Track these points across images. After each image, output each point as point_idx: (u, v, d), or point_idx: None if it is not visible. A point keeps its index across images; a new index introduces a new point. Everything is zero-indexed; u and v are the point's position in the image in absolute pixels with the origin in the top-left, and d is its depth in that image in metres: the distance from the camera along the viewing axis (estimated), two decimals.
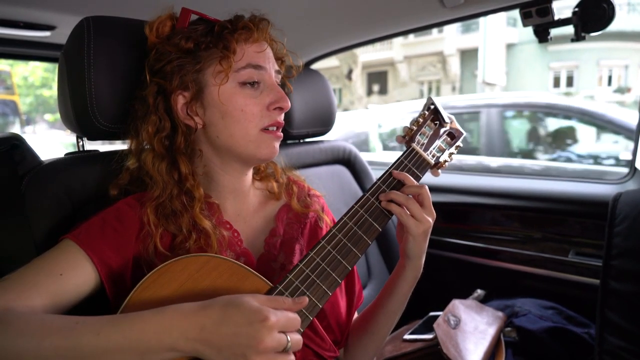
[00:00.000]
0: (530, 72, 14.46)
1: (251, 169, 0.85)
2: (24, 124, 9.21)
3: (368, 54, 16.00)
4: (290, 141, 1.47)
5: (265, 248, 0.82)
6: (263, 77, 0.76)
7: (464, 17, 1.34)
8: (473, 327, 1.19)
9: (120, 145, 0.88)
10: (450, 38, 15.31)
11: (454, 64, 15.67)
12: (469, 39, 14.66)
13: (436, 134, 0.84)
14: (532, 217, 1.50)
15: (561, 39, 1.26)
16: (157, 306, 0.59)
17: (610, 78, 13.91)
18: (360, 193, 1.53)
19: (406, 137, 0.82)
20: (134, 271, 0.72)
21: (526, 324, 1.23)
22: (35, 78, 11.30)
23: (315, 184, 0.99)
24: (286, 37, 0.84)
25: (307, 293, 0.66)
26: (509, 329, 1.25)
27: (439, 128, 0.84)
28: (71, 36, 0.83)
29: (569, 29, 1.14)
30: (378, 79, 17.66)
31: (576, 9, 1.11)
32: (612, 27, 1.10)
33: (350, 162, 1.58)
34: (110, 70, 0.81)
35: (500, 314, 1.28)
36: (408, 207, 0.74)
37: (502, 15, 9.34)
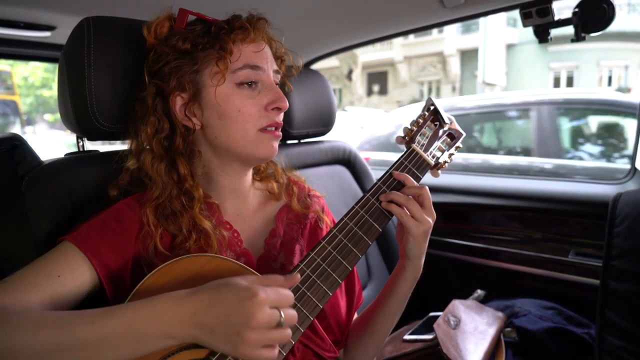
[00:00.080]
0: (530, 72, 14.46)
1: (251, 170, 0.85)
2: (24, 124, 9.21)
3: (368, 54, 16.02)
4: (290, 141, 1.47)
5: (265, 248, 0.82)
6: (261, 77, 0.76)
7: (464, 17, 1.34)
8: (473, 328, 1.19)
9: (120, 145, 0.88)
10: (450, 38, 15.33)
11: (454, 64, 15.69)
12: (469, 39, 14.68)
13: (436, 135, 0.84)
14: (532, 217, 1.50)
15: (561, 40, 1.26)
16: None
17: (610, 78, 13.91)
18: (360, 193, 1.52)
19: (406, 137, 0.82)
20: (134, 272, 0.72)
21: (526, 324, 1.23)
22: (36, 78, 11.32)
23: (315, 184, 0.99)
24: (286, 37, 0.84)
25: (308, 293, 0.66)
26: (509, 329, 1.25)
27: (439, 129, 0.84)
28: (71, 36, 0.83)
29: (569, 29, 1.14)
30: (378, 79, 17.67)
31: (576, 10, 1.11)
32: (612, 27, 1.10)
33: (350, 162, 1.58)
34: (110, 71, 0.81)
35: (500, 314, 1.28)
36: (408, 208, 0.74)
37: (502, 15, 9.34)
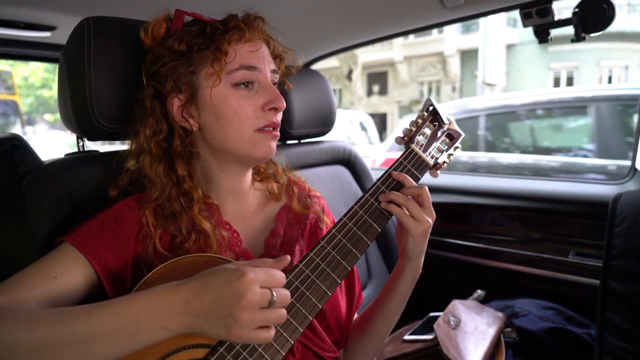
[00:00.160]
0: (530, 72, 14.46)
1: (250, 170, 0.85)
2: (24, 124, 9.20)
3: (368, 55, 16.01)
4: (290, 141, 1.47)
5: (265, 249, 0.82)
6: (257, 77, 0.75)
7: (464, 17, 1.34)
8: (473, 328, 1.19)
9: (119, 145, 0.88)
10: (450, 38, 15.33)
11: (454, 65, 15.68)
12: (469, 40, 14.67)
13: (435, 135, 0.84)
14: (532, 217, 1.50)
15: (561, 40, 1.26)
16: None
17: (610, 78, 13.91)
18: (360, 193, 1.52)
19: (405, 138, 0.82)
20: (134, 272, 0.72)
21: (526, 324, 1.23)
22: (36, 78, 11.32)
23: (316, 184, 0.99)
24: (286, 37, 0.84)
25: (307, 293, 0.66)
26: (509, 329, 1.25)
27: (438, 129, 0.84)
28: (71, 37, 0.83)
29: (569, 30, 1.14)
30: (378, 79, 17.66)
31: (576, 10, 1.11)
32: (612, 27, 1.10)
33: (350, 162, 1.58)
34: (110, 71, 0.81)
35: (500, 314, 1.28)
36: (407, 208, 0.74)
37: (502, 15, 9.34)
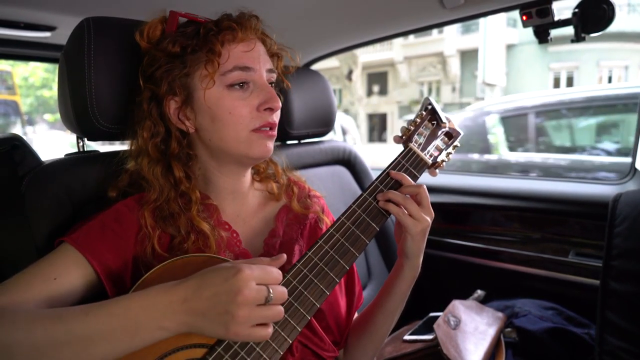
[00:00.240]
0: (530, 72, 14.45)
1: (249, 170, 0.85)
2: (25, 124, 9.20)
3: (368, 55, 16.00)
4: (290, 142, 1.47)
5: (264, 249, 0.82)
6: (252, 77, 0.74)
7: (464, 17, 1.34)
8: (473, 328, 1.19)
9: (119, 145, 0.88)
10: (450, 39, 15.33)
11: (454, 65, 15.68)
12: (469, 40, 14.67)
13: (433, 134, 0.84)
14: (532, 217, 1.50)
15: (561, 40, 1.26)
16: None
17: (610, 79, 13.91)
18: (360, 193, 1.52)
19: (403, 137, 0.82)
20: (134, 272, 0.72)
21: (526, 324, 1.23)
22: (36, 79, 11.31)
23: (316, 184, 0.99)
24: (286, 37, 0.83)
25: (305, 293, 0.66)
26: (509, 329, 1.25)
27: (437, 128, 0.84)
28: (71, 37, 0.83)
29: (569, 30, 1.15)
30: (378, 79, 17.66)
31: (576, 10, 1.12)
32: (612, 27, 1.10)
33: (350, 162, 1.58)
34: (110, 71, 0.81)
35: (500, 314, 1.28)
36: (406, 207, 0.73)
37: (502, 16, 9.34)
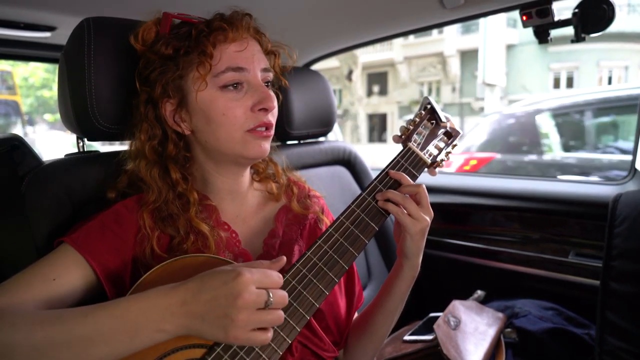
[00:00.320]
0: (530, 73, 14.45)
1: (247, 170, 0.84)
2: (25, 124, 9.20)
3: (368, 55, 15.99)
4: (290, 142, 1.47)
5: (264, 249, 0.82)
6: (246, 78, 0.73)
7: (464, 18, 1.34)
8: (473, 328, 1.19)
9: (119, 146, 0.88)
10: (450, 39, 15.32)
11: (454, 65, 15.68)
12: (469, 40, 14.67)
13: (433, 134, 0.84)
14: (532, 218, 1.50)
15: (561, 40, 1.26)
16: None
17: (610, 79, 13.90)
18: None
19: (403, 136, 0.82)
20: (133, 272, 0.72)
21: (526, 324, 1.23)
22: (36, 79, 11.31)
23: (316, 184, 0.99)
24: (286, 38, 0.83)
25: (304, 293, 0.66)
26: (509, 329, 1.25)
27: (436, 127, 0.84)
28: (71, 37, 0.83)
29: (569, 30, 1.15)
30: (378, 79, 17.67)
31: (576, 10, 1.12)
32: (612, 28, 1.10)
33: (350, 162, 1.58)
34: (110, 71, 0.81)
35: (501, 314, 1.28)
36: (405, 206, 0.73)
37: (502, 16, 9.34)
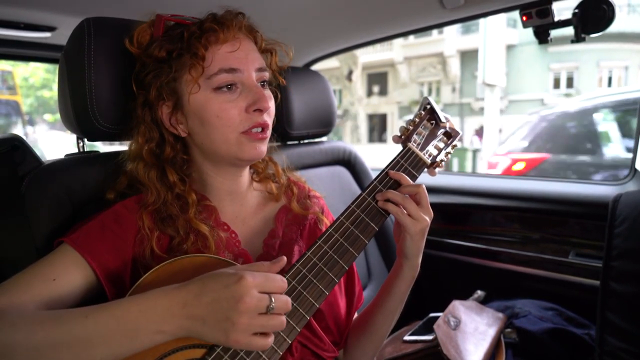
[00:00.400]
0: (530, 73, 14.47)
1: (246, 170, 0.84)
2: (26, 124, 9.21)
3: (368, 55, 16.01)
4: (290, 142, 1.48)
5: (264, 249, 0.82)
6: (240, 78, 0.73)
7: (464, 18, 1.34)
8: (473, 328, 1.19)
9: (120, 145, 0.88)
10: (450, 39, 15.34)
11: (454, 65, 15.69)
12: (469, 40, 14.69)
13: (432, 134, 0.84)
14: (532, 218, 1.50)
15: (561, 40, 1.26)
16: None
17: (610, 79, 13.91)
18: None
19: (402, 136, 0.82)
20: (133, 273, 0.72)
21: (526, 325, 1.23)
22: (36, 79, 11.33)
23: (316, 184, 0.99)
24: (286, 38, 0.84)
25: (304, 293, 0.66)
26: (509, 330, 1.25)
27: (435, 128, 0.84)
28: (71, 37, 0.83)
29: (569, 30, 1.15)
30: (378, 80, 17.68)
31: (576, 10, 1.12)
32: (612, 28, 1.10)
33: (350, 162, 1.58)
34: (110, 71, 0.81)
35: (501, 315, 1.28)
36: (405, 206, 0.73)
37: (502, 16, 9.34)
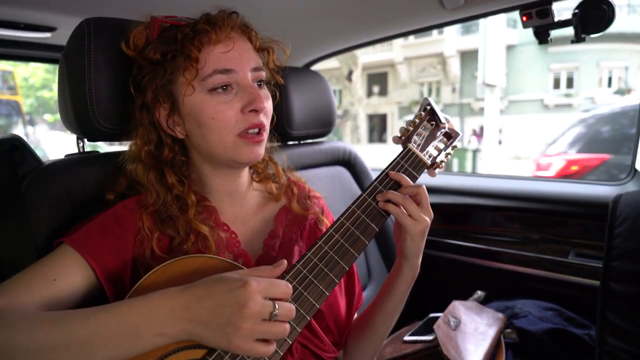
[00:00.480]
0: (530, 73, 14.47)
1: (245, 171, 0.84)
2: (26, 124, 9.21)
3: (368, 55, 16.02)
4: (290, 142, 1.48)
5: (264, 249, 0.82)
6: (235, 79, 0.73)
7: (464, 18, 1.34)
8: (473, 329, 1.19)
9: (123, 145, 0.88)
10: (450, 39, 15.35)
11: (454, 65, 15.70)
12: (469, 40, 14.70)
13: (432, 135, 0.84)
14: (532, 218, 1.50)
15: (561, 41, 1.26)
16: None
17: (610, 79, 13.93)
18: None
19: (402, 137, 0.82)
20: (133, 273, 0.72)
21: (526, 325, 1.23)
22: (36, 79, 11.33)
23: (316, 185, 0.99)
24: (286, 38, 0.84)
25: (305, 293, 0.66)
26: (509, 330, 1.25)
27: (435, 129, 0.84)
28: (71, 37, 0.83)
29: (569, 31, 1.15)
30: (378, 80, 17.69)
31: (576, 11, 1.12)
32: (612, 28, 1.10)
33: (350, 163, 1.58)
34: (110, 72, 0.81)
35: (501, 315, 1.28)
36: (405, 207, 0.73)
37: (502, 16, 9.34)
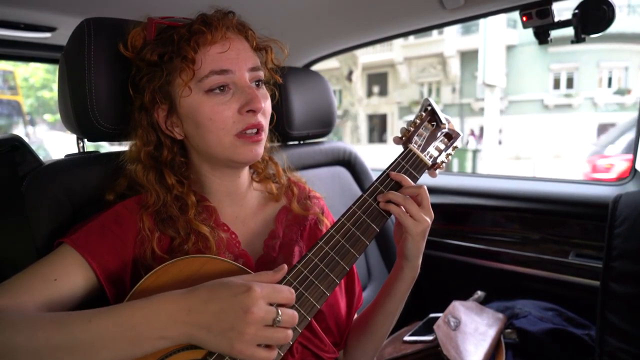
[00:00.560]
0: (530, 73, 14.48)
1: (245, 171, 0.84)
2: (27, 124, 9.21)
3: (368, 56, 16.03)
4: (290, 142, 1.48)
5: (264, 250, 0.82)
6: (232, 79, 0.72)
7: (464, 18, 1.34)
8: (473, 329, 1.19)
9: (124, 145, 0.88)
10: (450, 39, 15.36)
11: (454, 66, 15.70)
12: (469, 41, 14.71)
13: (433, 135, 0.84)
14: (532, 218, 1.50)
15: (561, 41, 1.26)
16: None
17: (610, 80, 13.94)
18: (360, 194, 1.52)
19: (403, 138, 0.82)
20: (134, 273, 0.72)
21: (526, 325, 1.23)
22: (36, 79, 11.33)
23: (316, 185, 0.99)
24: (286, 38, 0.84)
25: (306, 294, 0.66)
26: (509, 330, 1.25)
27: (436, 129, 0.84)
28: (72, 37, 0.83)
29: (569, 31, 1.15)
30: (378, 80, 17.70)
31: (576, 11, 1.12)
32: (612, 28, 1.10)
33: (350, 163, 1.58)
34: (110, 72, 0.81)
35: (501, 315, 1.28)
36: (406, 207, 0.73)
37: (502, 16, 9.34)
